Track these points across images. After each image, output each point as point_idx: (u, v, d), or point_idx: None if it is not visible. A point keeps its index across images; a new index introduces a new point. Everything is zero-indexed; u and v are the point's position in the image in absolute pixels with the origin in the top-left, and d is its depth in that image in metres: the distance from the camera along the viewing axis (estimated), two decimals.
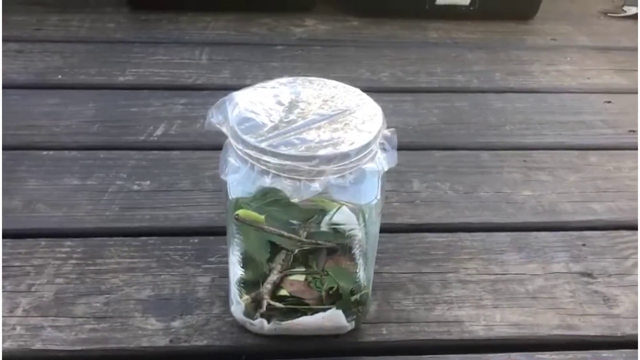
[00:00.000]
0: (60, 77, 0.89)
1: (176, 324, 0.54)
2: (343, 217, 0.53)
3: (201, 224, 0.65)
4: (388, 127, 0.47)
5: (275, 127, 0.46)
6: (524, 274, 0.61)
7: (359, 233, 0.52)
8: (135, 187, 0.69)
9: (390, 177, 0.64)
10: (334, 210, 0.53)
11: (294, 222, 0.52)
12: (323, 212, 0.54)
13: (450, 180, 0.73)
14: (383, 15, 1.12)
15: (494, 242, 0.64)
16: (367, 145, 0.45)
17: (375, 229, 0.52)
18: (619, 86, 0.95)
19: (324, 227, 0.53)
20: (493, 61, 1.00)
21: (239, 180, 0.46)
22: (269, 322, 0.52)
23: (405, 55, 1.00)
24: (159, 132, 0.79)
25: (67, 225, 0.64)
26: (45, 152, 0.74)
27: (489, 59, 1.00)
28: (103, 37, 1.01)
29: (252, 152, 0.44)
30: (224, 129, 0.47)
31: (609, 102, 0.90)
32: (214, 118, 0.48)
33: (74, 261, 0.59)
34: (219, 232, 0.60)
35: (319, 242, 0.53)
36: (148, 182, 0.70)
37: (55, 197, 0.67)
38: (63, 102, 0.84)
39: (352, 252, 0.53)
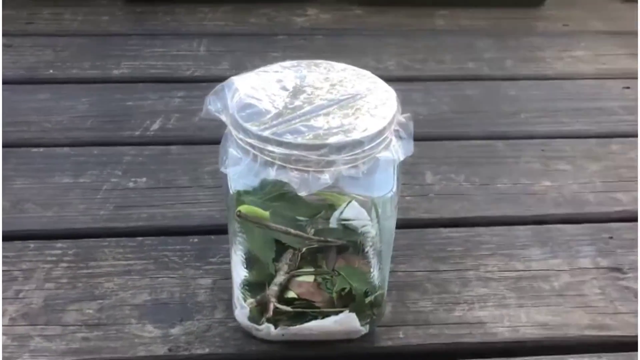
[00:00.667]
0: (51, 71, 0.85)
1: (175, 330, 0.50)
2: (353, 212, 0.49)
3: (201, 222, 0.61)
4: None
5: (279, 114, 0.42)
6: (548, 270, 0.57)
7: (371, 229, 0.48)
8: (131, 185, 0.65)
9: (401, 169, 0.60)
10: (344, 205, 0.49)
11: (301, 218, 0.49)
12: (332, 207, 0.50)
13: (465, 172, 0.69)
14: (387, 3, 1.08)
15: (515, 237, 0.60)
16: (382, 132, 0.41)
17: (390, 224, 0.47)
18: (636, 71, 0.91)
19: (333, 224, 0.50)
20: (504, 48, 0.96)
21: (240, 173, 0.42)
22: (276, 327, 0.48)
23: (411, 43, 0.96)
24: (155, 126, 0.75)
25: (58, 226, 0.60)
26: (35, 149, 0.70)
27: (500, 46, 0.96)
28: (97, 30, 0.97)
29: (254, 142, 0.40)
30: (223, 117, 0.43)
31: (628, 87, 0.86)
32: (212, 105, 0.44)
33: (65, 264, 0.56)
34: (220, 230, 0.57)
35: (329, 239, 0.49)
36: (144, 179, 0.66)
37: (45, 196, 0.63)
38: (54, 97, 0.80)
39: (365, 250, 0.49)
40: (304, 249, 0.48)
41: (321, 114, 0.42)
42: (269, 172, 0.40)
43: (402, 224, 0.59)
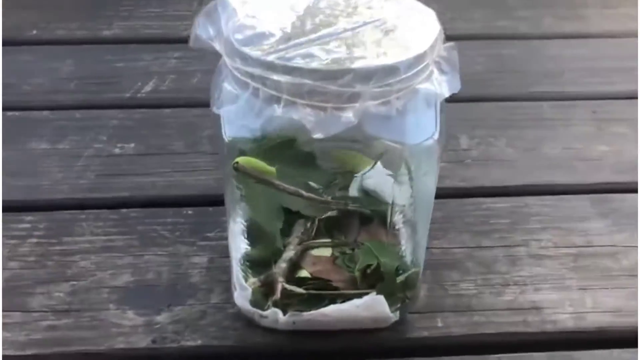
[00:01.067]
0: (35, 32, 0.77)
1: (162, 318, 0.42)
2: (379, 177, 0.40)
3: (197, 192, 0.53)
4: None
5: (287, 37, 0.33)
6: (614, 245, 0.47)
7: (404, 194, 0.39)
8: (117, 151, 0.57)
9: None
10: (368, 168, 0.40)
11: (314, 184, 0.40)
12: (350, 174, 0.41)
13: (506, 136, 0.59)
14: None
15: (570, 207, 0.51)
16: (422, 57, 0.32)
17: (429, 184, 0.38)
18: None
19: (353, 191, 0.41)
20: (540, 5, 0.86)
21: (237, 113, 0.33)
22: (284, 313, 0.39)
23: (435, 1, 0.86)
24: (148, 88, 0.66)
25: (29, 197, 0.52)
26: (10, 113, 0.62)
27: (535, 3, 0.87)
28: None
29: (254, 70, 0.31)
30: (217, 45, 0.34)
31: None
32: (202, 30, 0.34)
33: (34, 240, 0.47)
34: (219, 201, 0.47)
35: (349, 204, 0.40)
36: (132, 145, 0.58)
37: (18, 165, 0.55)
38: (37, 58, 0.71)
39: (393, 219, 0.40)
40: (319, 217, 0.39)
41: (342, 37, 0.33)
42: (273, 110, 0.31)
43: (436, 194, 0.50)
